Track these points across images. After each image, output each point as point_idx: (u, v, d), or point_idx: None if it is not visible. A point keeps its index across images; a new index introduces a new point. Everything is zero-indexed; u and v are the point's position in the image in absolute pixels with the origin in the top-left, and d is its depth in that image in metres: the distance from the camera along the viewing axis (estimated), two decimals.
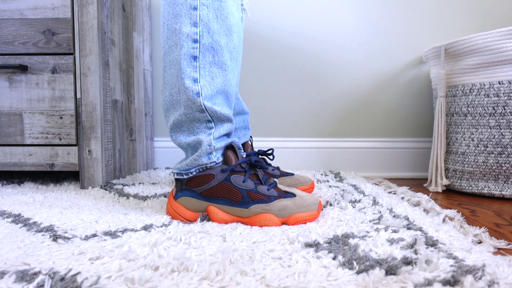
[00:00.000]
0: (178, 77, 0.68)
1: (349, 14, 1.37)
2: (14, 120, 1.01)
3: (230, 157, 0.70)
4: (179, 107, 0.69)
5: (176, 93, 0.69)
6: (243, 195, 0.67)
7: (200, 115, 0.68)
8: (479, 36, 0.97)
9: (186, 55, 0.67)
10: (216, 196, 0.68)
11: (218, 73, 0.69)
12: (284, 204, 0.66)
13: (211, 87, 0.68)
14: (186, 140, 0.70)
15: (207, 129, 0.69)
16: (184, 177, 0.69)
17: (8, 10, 0.99)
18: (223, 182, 0.68)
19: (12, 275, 0.42)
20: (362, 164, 1.38)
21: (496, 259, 0.49)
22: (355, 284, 0.41)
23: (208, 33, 0.68)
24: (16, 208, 0.77)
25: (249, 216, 0.66)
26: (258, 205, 0.66)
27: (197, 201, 0.69)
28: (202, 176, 0.69)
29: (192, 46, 0.67)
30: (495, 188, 0.99)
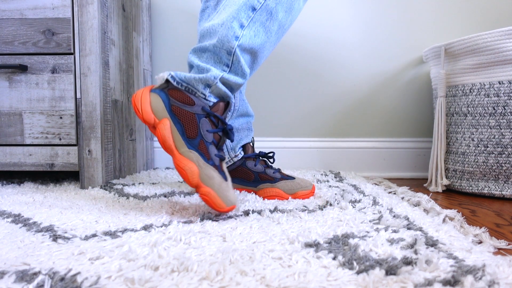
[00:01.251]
0: (230, 15, 0.71)
1: (349, 14, 1.37)
2: (14, 120, 1.01)
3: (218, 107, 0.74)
4: (214, 37, 0.72)
5: (219, 25, 0.72)
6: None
7: (225, 55, 0.72)
8: (479, 36, 0.97)
9: (248, 2, 0.72)
10: (177, 115, 0.70)
11: (261, 34, 0.74)
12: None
13: (249, 41, 0.73)
14: (198, 62, 0.73)
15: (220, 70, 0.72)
16: (173, 83, 0.72)
17: (8, 10, 0.99)
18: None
19: (12, 275, 0.42)
20: (362, 164, 1.38)
21: (496, 259, 0.49)
22: (355, 284, 0.41)
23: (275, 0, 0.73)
24: (16, 208, 0.77)
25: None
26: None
27: (163, 108, 0.70)
28: (185, 95, 0.71)
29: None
30: (495, 188, 0.99)
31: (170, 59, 1.42)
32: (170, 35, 1.42)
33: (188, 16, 1.41)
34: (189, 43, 1.41)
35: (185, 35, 1.41)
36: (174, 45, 1.42)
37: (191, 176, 0.67)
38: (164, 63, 1.42)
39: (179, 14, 1.41)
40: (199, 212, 0.72)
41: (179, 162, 0.68)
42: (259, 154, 0.92)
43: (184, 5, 1.41)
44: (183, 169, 0.67)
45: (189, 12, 1.41)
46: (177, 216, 0.71)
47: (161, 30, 1.42)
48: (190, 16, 1.41)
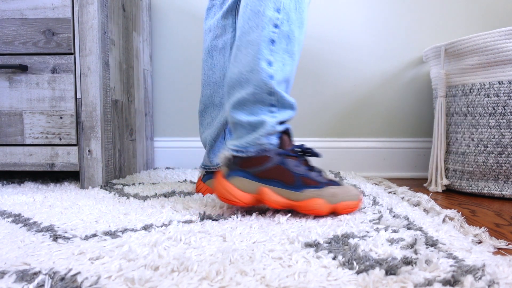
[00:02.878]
0: (255, 57, 0.70)
1: (349, 14, 1.37)
2: (14, 120, 1.01)
3: (286, 141, 0.72)
4: (248, 86, 0.70)
5: (248, 72, 0.70)
6: (296, 179, 0.69)
7: (267, 97, 0.70)
8: (479, 36, 0.97)
9: (266, 37, 0.69)
10: (270, 177, 0.69)
11: (288, 61, 0.72)
12: (334, 191, 0.69)
13: (281, 73, 0.71)
14: (247, 118, 0.71)
15: (269, 112, 0.71)
16: (241, 155, 0.69)
17: (8, 10, 0.99)
18: (278, 165, 0.69)
19: (12, 275, 0.42)
20: (362, 164, 1.38)
21: (496, 259, 0.49)
22: (355, 284, 0.41)
23: (288, 21, 0.71)
24: (16, 208, 0.77)
25: (302, 199, 0.68)
26: (311, 190, 0.68)
27: (250, 182, 0.69)
28: (259, 157, 0.69)
29: (272, 30, 0.70)
30: (495, 188, 0.99)
31: (170, 59, 1.42)
32: (170, 35, 1.42)
33: (188, 16, 1.41)
34: (189, 43, 1.41)
35: (185, 35, 1.41)
36: (174, 45, 1.42)
37: (324, 209, 0.68)
38: (164, 63, 1.43)
39: (179, 14, 1.41)
40: (199, 211, 0.72)
41: (305, 209, 0.68)
42: None
43: (184, 5, 1.41)
44: (313, 211, 0.68)
45: (189, 12, 1.41)
46: (177, 216, 0.71)
47: (161, 30, 1.42)
48: (190, 16, 1.41)
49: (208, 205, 0.78)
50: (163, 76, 1.43)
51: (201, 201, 0.82)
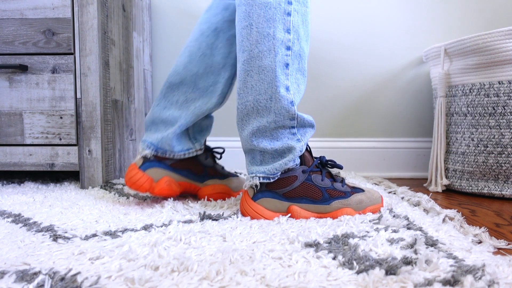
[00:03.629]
0: (271, 84, 0.67)
1: (349, 13, 1.37)
2: (14, 120, 1.01)
3: (308, 158, 0.72)
4: (268, 114, 0.68)
5: (266, 100, 0.67)
6: (323, 193, 0.70)
7: (289, 122, 0.69)
8: (479, 36, 0.97)
9: (280, 62, 0.67)
10: (298, 196, 0.70)
11: (301, 80, 0.71)
12: (359, 198, 0.71)
13: (298, 94, 0.70)
14: (272, 145, 0.69)
15: (291, 135, 0.70)
16: (270, 181, 0.69)
17: (8, 10, 0.99)
18: (304, 182, 0.70)
19: (12, 275, 0.42)
20: (362, 164, 1.38)
21: (496, 259, 0.49)
22: (355, 284, 0.41)
23: (298, 39, 0.69)
24: (16, 208, 0.77)
25: (330, 211, 0.70)
26: (338, 201, 0.70)
27: (279, 202, 0.69)
28: (286, 178, 0.69)
29: (286, 53, 0.67)
30: (495, 188, 0.99)
31: (170, 59, 1.42)
32: (171, 35, 1.42)
33: (188, 16, 1.41)
34: None
35: (185, 35, 1.41)
36: (174, 45, 1.42)
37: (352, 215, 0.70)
38: (164, 63, 1.43)
39: (179, 14, 1.41)
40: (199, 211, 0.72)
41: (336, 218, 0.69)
42: (207, 148, 0.86)
43: (184, 5, 1.41)
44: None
45: (189, 12, 1.41)
46: (177, 216, 0.71)
47: (161, 30, 1.42)
48: (190, 16, 1.41)
49: (208, 205, 0.78)
50: (163, 76, 1.43)
51: (201, 201, 0.82)
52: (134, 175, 0.77)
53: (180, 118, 0.80)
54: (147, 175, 0.78)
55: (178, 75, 0.81)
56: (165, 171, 0.80)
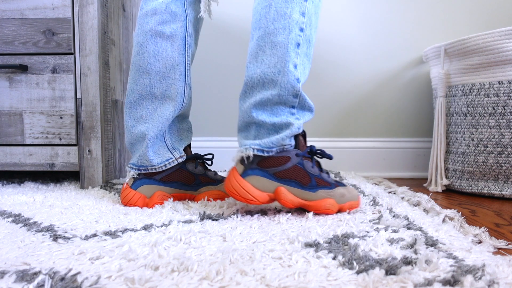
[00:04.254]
0: (282, 59, 0.69)
1: (349, 13, 1.37)
2: (14, 120, 1.01)
3: (301, 142, 0.73)
4: (273, 87, 0.70)
5: (273, 73, 0.69)
6: (312, 179, 0.71)
7: (292, 99, 0.70)
8: (479, 36, 0.97)
9: (293, 40, 0.70)
10: (288, 178, 0.70)
11: (307, 64, 0.74)
12: (342, 192, 0.73)
13: (303, 76, 0.73)
14: (271, 119, 0.70)
15: (290, 114, 0.71)
16: (263, 155, 0.69)
17: (8, 10, 0.99)
18: (296, 165, 0.70)
19: (12, 275, 0.42)
20: (362, 164, 1.38)
21: (496, 259, 0.49)
22: (355, 284, 0.41)
23: (310, 25, 0.72)
24: (16, 208, 0.77)
25: (315, 199, 0.70)
26: (324, 190, 0.71)
27: (269, 181, 0.69)
28: (279, 158, 0.70)
29: (299, 33, 0.70)
30: (495, 188, 0.99)
31: None
32: None
33: None
34: None
35: None
36: None
37: (334, 208, 0.71)
38: None
39: None
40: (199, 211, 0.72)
41: (317, 208, 0.70)
42: (196, 156, 0.86)
43: None
44: (324, 210, 0.71)
45: None
46: (177, 216, 0.71)
47: None
48: None
49: (208, 205, 0.78)
50: None
51: (201, 201, 0.82)
52: (127, 195, 0.80)
53: (148, 131, 0.80)
54: (139, 193, 0.79)
55: (134, 92, 0.82)
56: (155, 187, 0.81)
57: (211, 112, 1.41)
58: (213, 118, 1.41)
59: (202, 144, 1.40)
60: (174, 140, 0.85)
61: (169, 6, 0.81)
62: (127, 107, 0.83)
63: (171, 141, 0.84)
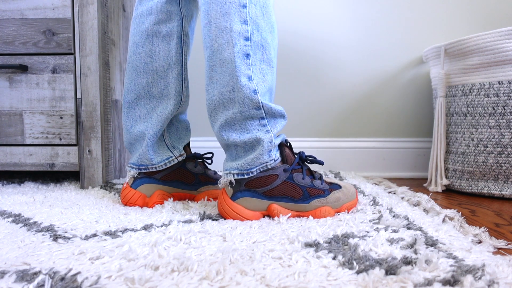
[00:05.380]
0: (232, 75, 0.67)
1: (349, 13, 1.37)
2: (14, 120, 1.01)
3: (289, 155, 0.72)
4: (233, 106, 0.68)
5: (229, 92, 0.68)
6: (304, 192, 0.70)
7: (255, 112, 0.68)
8: (479, 36, 0.97)
9: (239, 52, 0.67)
10: (278, 195, 0.70)
11: (267, 70, 0.71)
12: (337, 196, 0.72)
13: (263, 84, 0.70)
14: (241, 138, 0.69)
15: (261, 126, 0.69)
16: (244, 177, 0.69)
17: (8, 10, 0.99)
18: (285, 181, 0.70)
19: (13, 274, 0.42)
20: (362, 164, 1.38)
21: (496, 259, 0.49)
22: (355, 284, 0.41)
23: (257, 30, 0.69)
24: (17, 208, 0.77)
25: (310, 210, 0.70)
26: (318, 200, 0.71)
27: (259, 201, 0.69)
28: (266, 177, 0.69)
29: (244, 43, 0.68)
30: (495, 188, 0.99)
31: None
32: None
33: None
34: None
35: None
36: None
37: (331, 214, 0.71)
38: None
39: None
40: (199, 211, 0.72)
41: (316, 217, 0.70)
42: (195, 156, 0.86)
43: None
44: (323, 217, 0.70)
45: None
46: (177, 216, 0.71)
47: None
48: None
49: (208, 205, 0.78)
50: None
51: (201, 201, 0.82)
52: (127, 194, 0.80)
53: (147, 130, 0.80)
54: (139, 192, 0.80)
55: (132, 92, 0.83)
56: (155, 186, 0.81)
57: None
58: None
59: (201, 144, 1.40)
60: (173, 138, 0.85)
61: (164, 6, 0.81)
62: (125, 107, 0.83)
63: (170, 140, 0.84)
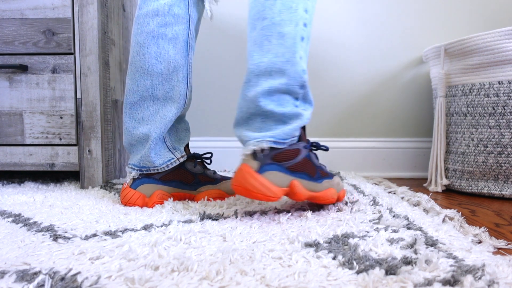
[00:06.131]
0: (290, 49, 0.69)
1: (349, 13, 1.37)
2: (14, 120, 1.01)
3: (303, 135, 0.74)
4: (280, 76, 0.69)
5: (282, 62, 0.69)
6: (317, 171, 0.72)
7: (298, 90, 0.71)
8: (479, 36, 0.97)
9: (298, 33, 0.70)
10: (299, 170, 0.70)
11: (306, 59, 0.74)
12: (337, 181, 0.77)
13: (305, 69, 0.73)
14: (279, 109, 0.69)
15: (294, 106, 0.71)
16: (279, 147, 0.68)
17: (8, 10, 0.99)
18: (305, 158, 0.71)
19: (13, 274, 0.42)
20: (362, 164, 1.38)
21: (496, 259, 0.49)
22: (355, 284, 0.41)
23: (310, 23, 0.74)
24: (17, 208, 0.77)
25: (321, 190, 0.72)
26: (326, 181, 0.73)
27: (284, 175, 0.68)
28: (291, 150, 0.69)
29: (303, 28, 0.71)
30: (495, 188, 0.99)
31: None
32: None
33: None
34: None
35: None
36: None
37: (335, 197, 0.74)
38: None
39: None
40: (199, 211, 0.72)
41: (324, 199, 0.72)
42: (195, 156, 0.86)
43: None
44: (329, 200, 0.72)
45: None
46: (177, 216, 0.71)
47: None
48: None
49: (208, 205, 0.78)
50: None
51: (201, 201, 0.82)
52: (127, 194, 0.80)
53: (151, 132, 0.80)
54: (139, 193, 0.79)
55: (135, 93, 0.82)
56: (155, 186, 0.81)
57: (209, 112, 1.41)
58: (211, 118, 1.41)
59: (201, 144, 1.40)
60: (174, 140, 0.85)
61: (172, 8, 0.80)
62: (127, 108, 0.83)
63: (171, 141, 0.84)
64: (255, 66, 0.70)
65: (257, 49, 0.70)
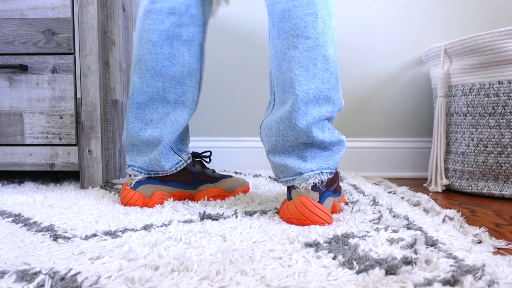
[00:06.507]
0: (334, 75, 0.67)
1: (349, 13, 1.37)
2: (14, 120, 1.01)
3: None
4: (326, 104, 0.66)
5: (328, 89, 0.66)
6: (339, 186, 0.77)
7: (335, 115, 0.70)
8: (479, 36, 0.97)
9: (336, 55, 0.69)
10: (336, 190, 0.74)
11: None
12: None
13: None
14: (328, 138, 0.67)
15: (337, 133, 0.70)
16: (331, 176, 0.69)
17: (8, 10, 0.99)
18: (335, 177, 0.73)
19: (13, 274, 0.42)
20: (362, 164, 1.38)
21: (496, 259, 0.49)
22: (355, 284, 0.41)
23: None
24: (17, 208, 0.77)
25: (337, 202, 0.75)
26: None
27: (332, 198, 0.72)
28: (336, 173, 0.72)
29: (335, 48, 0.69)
30: (495, 188, 0.99)
31: None
32: None
33: None
34: None
35: None
36: None
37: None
38: None
39: None
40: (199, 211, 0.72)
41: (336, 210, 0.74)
42: (193, 154, 0.86)
43: None
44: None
45: None
46: (177, 216, 0.71)
47: None
48: None
49: (208, 205, 0.78)
50: None
51: (201, 201, 0.82)
52: (127, 194, 0.79)
53: (163, 137, 0.78)
54: (139, 193, 0.79)
55: (144, 93, 0.78)
56: (155, 186, 0.81)
57: (210, 112, 1.41)
58: (212, 118, 1.41)
59: (201, 144, 1.40)
60: (177, 141, 0.85)
61: (189, 8, 0.77)
62: (133, 107, 0.79)
63: (175, 144, 0.84)
64: (304, 93, 0.65)
65: (303, 73, 0.66)
